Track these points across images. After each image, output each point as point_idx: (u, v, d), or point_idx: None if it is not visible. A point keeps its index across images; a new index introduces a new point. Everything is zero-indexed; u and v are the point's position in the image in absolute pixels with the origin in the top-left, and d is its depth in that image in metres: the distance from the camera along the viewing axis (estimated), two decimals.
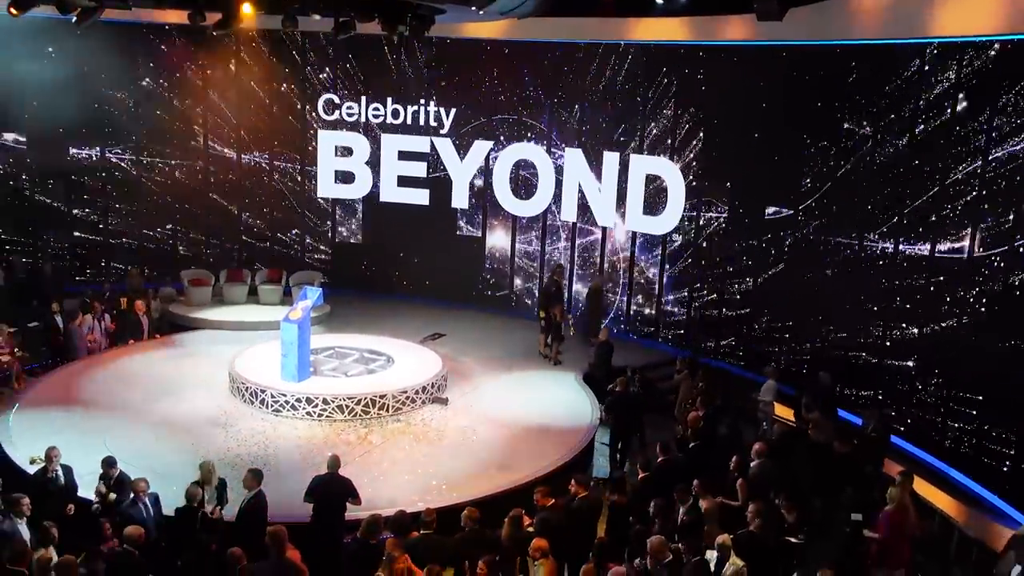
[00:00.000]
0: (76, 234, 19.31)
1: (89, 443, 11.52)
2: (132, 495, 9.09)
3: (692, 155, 16.34)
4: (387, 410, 13.20)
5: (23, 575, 7.47)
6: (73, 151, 18.98)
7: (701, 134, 16.17)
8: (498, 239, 19.13)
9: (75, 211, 19.24)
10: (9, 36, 17.16)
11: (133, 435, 12.15)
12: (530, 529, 8.93)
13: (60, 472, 9.73)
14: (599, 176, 17.44)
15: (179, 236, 20.00)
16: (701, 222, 16.43)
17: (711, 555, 8.43)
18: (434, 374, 14.10)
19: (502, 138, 18.46)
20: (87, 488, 9.89)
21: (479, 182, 18.80)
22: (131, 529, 8.04)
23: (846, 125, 13.72)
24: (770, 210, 15.29)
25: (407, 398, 13.43)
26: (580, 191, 17.77)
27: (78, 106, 18.30)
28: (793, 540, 9.02)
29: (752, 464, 10.60)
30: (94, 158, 19.15)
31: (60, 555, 8.28)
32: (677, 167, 16.44)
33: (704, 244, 16.48)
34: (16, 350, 14.74)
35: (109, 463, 9.67)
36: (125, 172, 19.40)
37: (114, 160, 19.27)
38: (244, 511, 9.20)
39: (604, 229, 17.77)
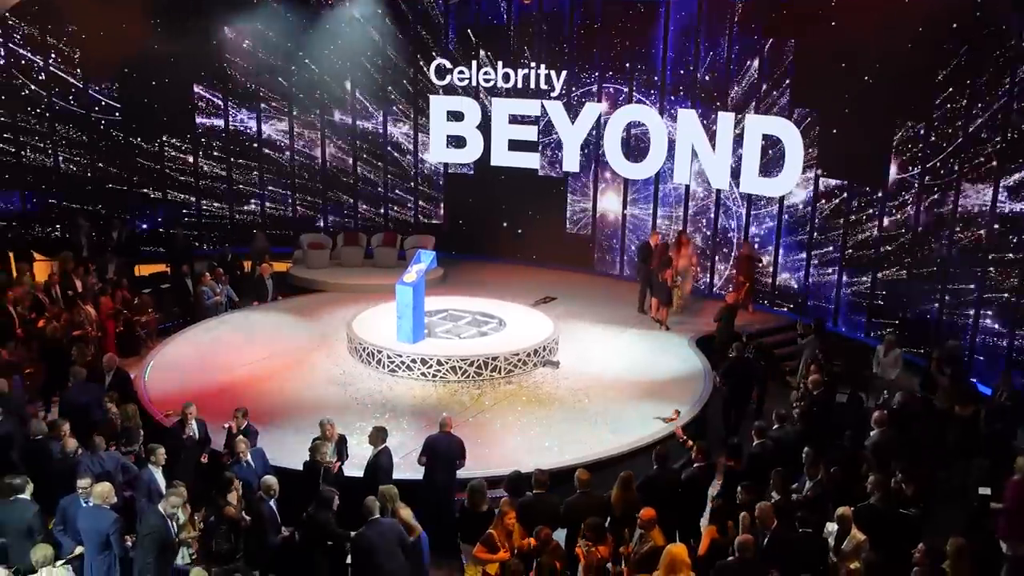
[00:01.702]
0: (204, 202, 20.16)
1: (219, 398, 12.09)
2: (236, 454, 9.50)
3: (811, 114, 15.78)
4: (499, 372, 13.37)
5: None
6: (199, 120, 19.73)
7: (821, 91, 15.58)
8: (609, 203, 18.98)
9: (202, 174, 20.04)
10: None
11: (260, 390, 12.69)
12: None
13: (195, 425, 10.27)
14: (713, 137, 17.05)
15: (298, 200, 20.61)
16: (819, 184, 15.91)
17: (830, 528, 8.25)
18: (545, 337, 14.17)
19: (614, 100, 18.23)
20: (220, 440, 10.40)
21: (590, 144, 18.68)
22: (267, 480, 8.45)
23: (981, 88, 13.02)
24: (893, 171, 14.67)
25: (519, 360, 13.56)
26: (693, 153, 17.42)
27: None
28: (911, 512, 8.71)
29: (872, 433, 10.30)
30: (220, 124, 19.87)
31: (192, 504, 8.82)
32: (795, 127, 15.90)
33: (822, 206, 15.96)
34: (151, 311, 15.57)
35: (243, 413, 10.12)
36: (249, 137, 20.07)
37: (237, 126, 19.96)
38: (371, 466, 9.48)
39: (718, 192, 17.41)
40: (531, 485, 8.83)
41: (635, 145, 18.15)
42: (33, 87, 18.38)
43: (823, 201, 15.99)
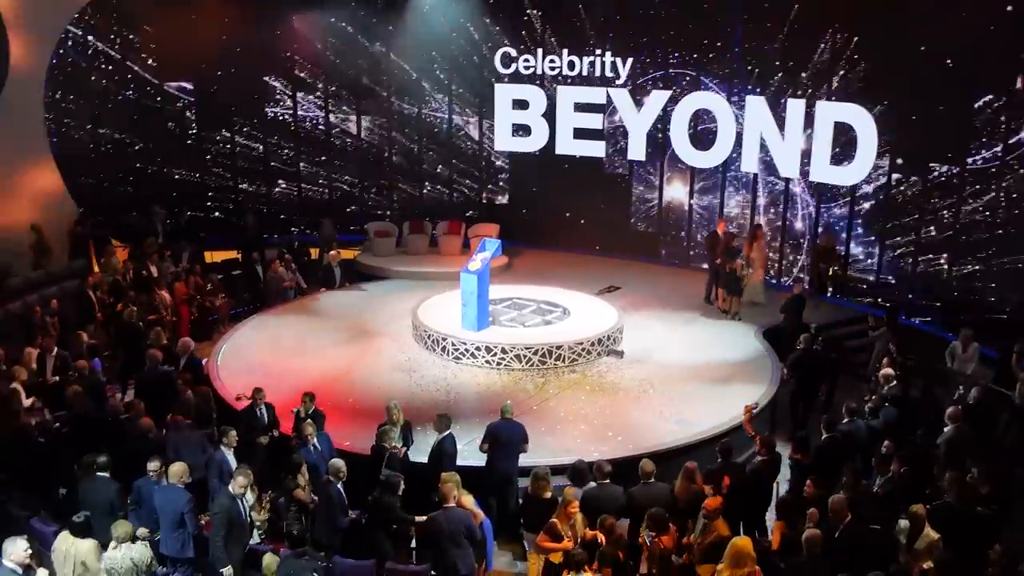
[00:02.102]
0: (275, 190, 20.54)
1: (287, 381, 12.33)
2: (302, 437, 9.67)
3: (884, 100, 15.37)
4: (563, 361, 13.36)
5: None
6: (267, 110, 20.08)
7: (893, 77, 15.16)
8: (675, 191, 18.79)
9: (272, 163, 20.41)
10: None
11: (327, 375, 12.90)
12: (706, 486, 8.83)
13: (264, 409, 10.49)
14: (782, 125, 16.73)
15: (365, 188, 20.84)
16: (893, 172, 15.51)
17: (901, 525, 8.07)
18: (610, 326, 14.11)
19: (681, 86, 18.02)
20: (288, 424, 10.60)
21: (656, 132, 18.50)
22: (334, 462, 8.63)
23: None
24: (971, 155, 14.24)
25: (583, 349, 13.53)
26: (762, 141, 17.12)
27: None
28: (987, 510, 8.46)
29: (946, 429, 10.03)
30: (287, 114, 20.19)
31: (260, 487, 9.04)
32: (868, 114, 15.51)
33: (896, 195, 15.56)
34: (222, 296, 15.95)
35: (311, 397, 10.31)
36: (314, 125, 20.35)
37: (304, 113, 20.26)
38: (435, 452, 9.57)
39: (787, 181, 17.09)
40: (594, 474, 8.81)
41: (702, 133, 17.92)
42: (111, 79, 18.98)
43: (898, 188, 15.57)
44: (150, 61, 19.17)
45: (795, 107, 16.49)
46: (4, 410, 10.14)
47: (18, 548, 6.65)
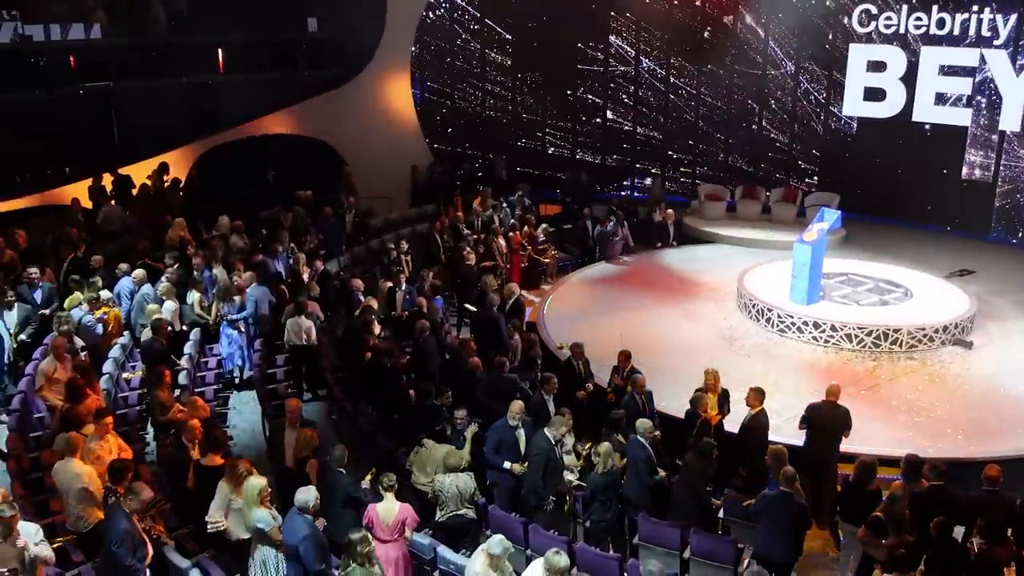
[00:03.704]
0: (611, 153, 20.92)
1: (607, 338, 12.55)
2: (632, 390, 9.72)
3: None
4: (900, 345, 12.35)
5: None
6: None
7: None
8: None
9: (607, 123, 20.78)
10: None
11: (646, 334, 12.94)
12: None
13: (580, 364, 10.77)
14: None
15: (698, 150, 20.52)
16: None
17: None
18: (960, 314, 12.80)
19: None
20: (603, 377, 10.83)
21: None
22: (642, 422, 8.64)
23: None
24: None
25: (925, 336, 12.40)
26: None
27: None
28: None
29: None
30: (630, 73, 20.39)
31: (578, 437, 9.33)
32: None
33: None
34: (552, 249, 16.58)
35: (626, 356, 10.42)
36: (656, 88, 20.33)
37: (646, 74, 20.30)
38: (746, 427, 9.31)
39: None
40: (929, 472, 8.06)
41: None
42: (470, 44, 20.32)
43: None
44: (505, 19, 20.24)
45: None
46: (362, 336, 11.32)
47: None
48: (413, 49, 20.16)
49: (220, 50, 18.27)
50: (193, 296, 12.09)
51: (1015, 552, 7.43)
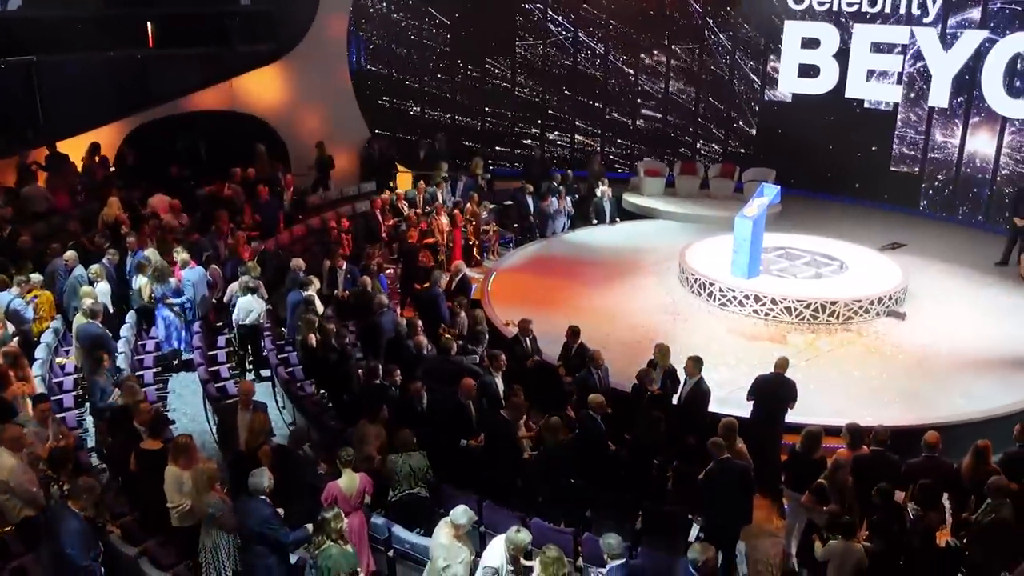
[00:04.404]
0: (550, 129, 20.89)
1: (551, 313, 12.60)
2: (589, 366, 9.77)
3: None
4: (837, 317, 12.64)
5: None
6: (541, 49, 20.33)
7: None
8: (980, 143, 16.97)
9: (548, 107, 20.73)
10: None
11: (590, 311, 13.01)
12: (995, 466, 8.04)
13: (528, 340, 10.77)
14: None
15: (639, 128, 20.63)
16: None
17: None
18: (893, 285, 13.15)
19: (998, 26, 16.11)
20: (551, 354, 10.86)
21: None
22: (594, 397, 8.70)
23: None
24: None
25: (860, 307, 12.72)
26: None
27: None
28: None
29: None
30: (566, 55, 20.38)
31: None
32: None
33: None
34: (494, 225, 16.53)
35: (574, 332, 10.45)
36: (592, 65, 20.38)
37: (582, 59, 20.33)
38: (686, 397, 9.45)
39: None
40: (870, 440, 8.29)
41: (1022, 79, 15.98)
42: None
43: None
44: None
45: None
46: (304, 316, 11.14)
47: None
48: (349, 23, 19.77)
49: (149, 23, 17.66)
50: (140, 280, 11.74)
51: (949, 517, 7.72)
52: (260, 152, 17.26)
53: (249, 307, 11.34)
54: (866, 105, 17.98)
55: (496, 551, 6.26)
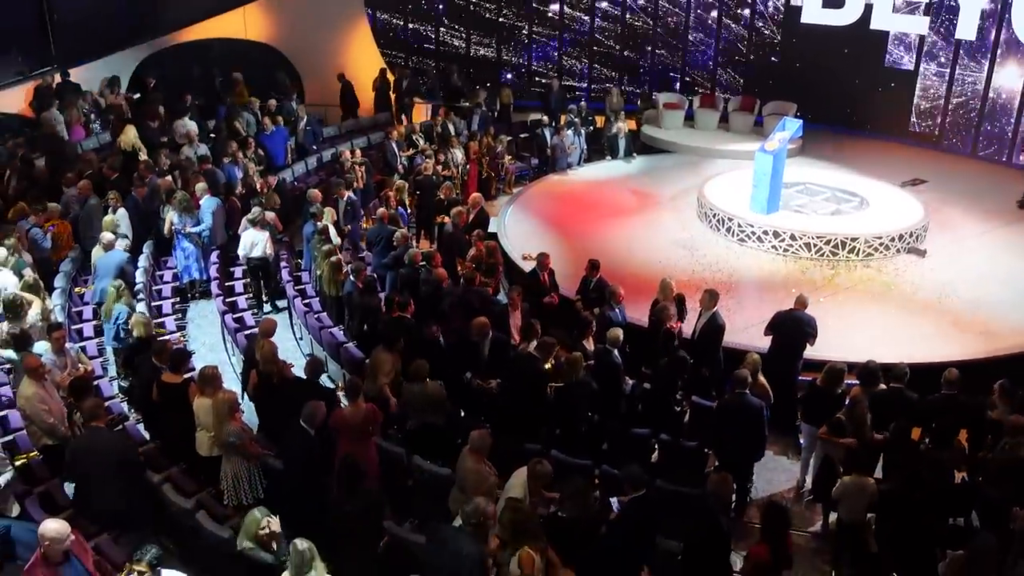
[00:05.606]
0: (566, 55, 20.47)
1: (567, 247, 12.54)
2: (609, 300, 9.73)
3: None
4: (857, 254, 12.52)
5: None
6: None
7: None
8: (1006, 77, 16.58)
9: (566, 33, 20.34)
10: None
11: (606, 245, 12.90)
12: None
13: (546, 273, 10.72)
14: None
15: (656, 59, 20.23)
16: None
17: None
18: (914, 222, 13.00)
19: None
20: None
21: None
22: (612, 331, 8.68)
23: None
24: None
25: (881, 244, 12.59)
26: None
27: None
28: None
29: None
30: None
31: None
32: None
33: None
34: (509, 158, 16.35)
35: (593, 266, 10.39)
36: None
37: None
38: (701, 330, 9.42)
39: None
40: (886, 377, 8.26)
41: None
42: None
43: None
44: None
45: None
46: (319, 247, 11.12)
47: None
48: None
49: None
50: (168, 212, 11.67)
51: (966, 455, 7.72)
52: (237, 80, 16.96)
53: (253, 240, 11.27)
54: (889, 36, 17.51)
55: (518, 483, 6.30)
